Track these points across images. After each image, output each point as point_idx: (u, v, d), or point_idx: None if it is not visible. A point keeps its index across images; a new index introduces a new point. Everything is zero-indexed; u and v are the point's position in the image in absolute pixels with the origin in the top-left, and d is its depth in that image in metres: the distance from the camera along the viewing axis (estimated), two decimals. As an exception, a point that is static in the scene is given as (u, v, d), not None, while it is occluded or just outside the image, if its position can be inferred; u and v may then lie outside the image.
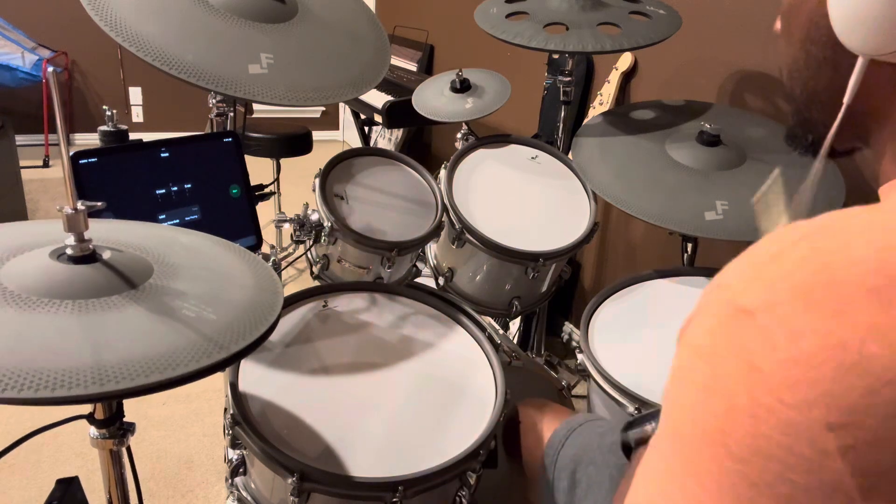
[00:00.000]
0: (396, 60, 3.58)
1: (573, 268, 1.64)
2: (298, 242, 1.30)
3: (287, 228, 1.30)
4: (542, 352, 2.01)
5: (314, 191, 1.28)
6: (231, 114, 1.29)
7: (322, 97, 1.12)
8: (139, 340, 0.64)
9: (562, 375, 2.05)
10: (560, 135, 1.74)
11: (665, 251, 1.91)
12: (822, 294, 0.36)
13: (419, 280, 1.46)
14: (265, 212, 1.25)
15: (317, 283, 1.26)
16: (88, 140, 4.20)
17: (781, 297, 0.37)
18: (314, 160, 1.71)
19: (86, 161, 1.03)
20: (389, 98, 2.74)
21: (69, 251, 0.71)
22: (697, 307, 0.42)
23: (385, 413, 0.96)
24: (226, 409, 0.93)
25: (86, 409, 0.76)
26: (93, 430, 0.78)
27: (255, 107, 3.68)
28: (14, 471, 1.69)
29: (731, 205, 1.25)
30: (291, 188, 3.01)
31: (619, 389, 1.08)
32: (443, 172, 1.43)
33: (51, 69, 0.73)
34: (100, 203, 0.73)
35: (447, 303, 1.21)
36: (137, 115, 4.41)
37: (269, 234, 2.86)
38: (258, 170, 1.52)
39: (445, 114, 1.55)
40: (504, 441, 1.08)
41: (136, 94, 4.36)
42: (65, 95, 4.17)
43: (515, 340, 2.02)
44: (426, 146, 3.69)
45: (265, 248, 1.21)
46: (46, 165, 3.85)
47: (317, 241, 1.28)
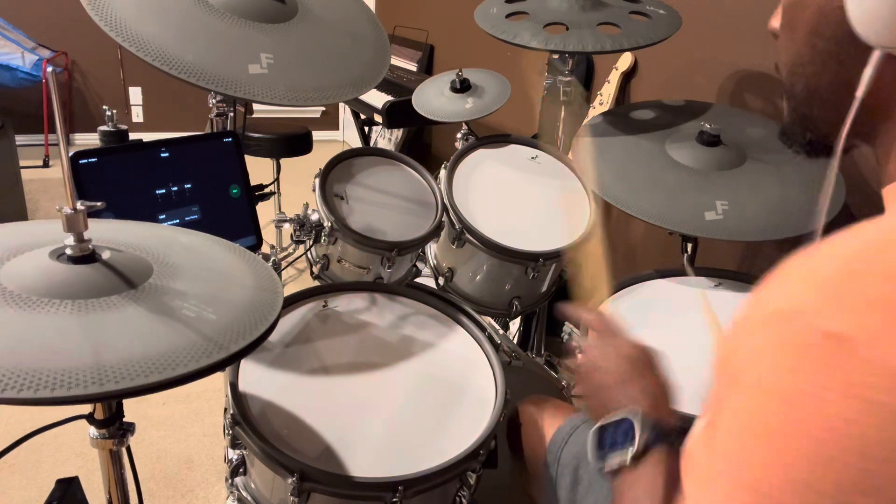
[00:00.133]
0: (396, 60, 3.57)
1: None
2: (298, 242, 1.30)
3: (287, 228, 1.30)
4: (542, 352, 2.01)
5: (314, 191, 1.28)
6: (231, 114, 1.29)
7: (322, 97, 1.12)
8: (139, 340, 0.64)
9: (562, 375, 2.05)
10: (560, 135, 1.74)
11: (665, 251, 1.91)
12: None
13: (419, 280, 1.46)
14: (265, 212, 1.25)
15: (317, 283, 1.26)
16: (88, 140, 4.20)
17: (874, 319, 0.34)
18: (314, 160, 1.71)
19: (86, 161, 1.03)
20: (389, 98, 2.73)
21: (69, 251, 0.71)
22: (750, 340, 0.38)
23: (385, 413, 0.96)
24: (226, 409, 0.93)
25: (86, 409, 0.76)
26: (92, 430, 0.78)
27: (255, 107, 3.68)
28: (14, 471, 1.69)
29: (731, 205, 1.25)
30: (291, 188, 3.00)
31: (619, 389, 1.08)
32: (443, 172, 1.43)
33: (51, 69, 0.73)
34: (99, 203, 0.73)
35: (447, 303, 1.21)
36: (137, 115, 4.41)
37: (269, 234, 2.85)
38: (258, 170, 1.52)
39: (445, 114, 1.55)
40: (507, 439, 1.08)
41: (136, 94, 4.36)
42: (65, 95, 4.17)
43: (515, 340, 2.02)
44: (426, 146, 3.68)
45: (265, 248, 1.21)
46: (46, 165, 3.85)
47: (317, 241, 1.27)
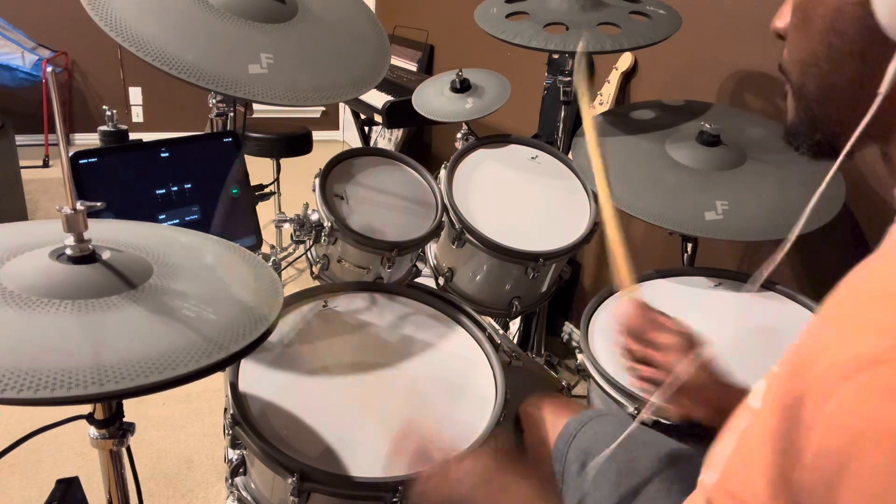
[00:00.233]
0: (396, 60, 3.57)
1: (573, 268, 1.64)
2: (298, 242, 1.30)
3: (287, 228, 1.30)
4: (542, 352, 2.01)
5: (314, 191, 1.28)
6: (231, 114, 1.29)
7: (322, 97, 1.12)
8: (139, 340, 0.64)
9: (562, 375, 2.05)
10: (560, 135, 1.74)
11: (665, 251, 1.91)
12: None
13: (419, 280, 1.46)
14: (265, 212, 1.25)
15: (317, 283, 1.26)
16: (88, 140, 4.20)
17: None
18: (314, 160, 1.71)
19: (86, 161, 1.03)
20: (389, 98, 2.73)
21: (69, 251, 0.71)
22: (864, 384, 0.35)
23: (385, 413, 0.96)
24: (226, 409, 0.93)
25: (86, 409, 0.76)
26: (93, 431, 0.78)
27: (255, 107, 3.68)
28: (14, 471, 1.69)
29: (731, 205, 1.25)
30: (291, 188, 3.00)
31: (619, 389, 1.08)
32: (443, 172, 1.43)
33: (51, 69, 0.73)
34: (99, 203, 0.73)
35: (447, 303, 1.21)
36: (137, 115, 4.40)
37: (269, 234, 2.85)
38: (258, 170, 1.53)
39: (445, 114, 1.55)
40: (514, 435, 1.07)
41: (136, 94, 4.35)
42: (65, 95, 4.16)
43: (515, 340, 2.02)
44: (426, 146, 3.68)
45: (265, 248, 1.21)
46: (46, 165, 3.85)
47: (317, 241, 1.27)
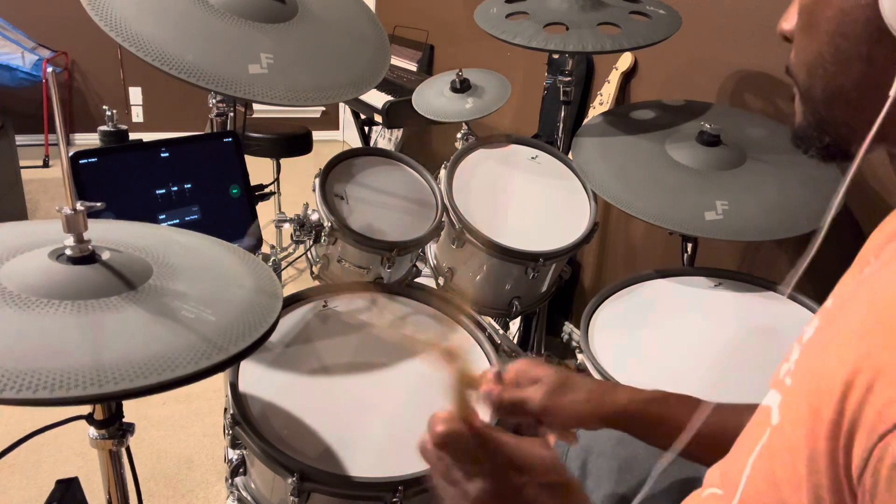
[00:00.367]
0: (396, 60, 3.57)
1: (573, 268, 1.64)
2: (298, 242, 1.30)
3: (287, 228, 1.30)
4: (542, 352, 2.01)
5: (314, 191, 1.28)
6: (231, 114, 1.29)
7: (322, 97, 1.12)
8: (138, 341, 0.64)
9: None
10: (560, 135, 1.74)
11: (665, 251, 1.91)
12: None
13: (419, 280, 1.46)
14: (265, 212, 1.25)
15: (317, 283, 1.26)
16: (88, 140, 4.19)
17: None
18: (314, 160, 1.71)
19: (86, 161, 1.03)
20: (389, 98, 2.73)
21: (68, 251, 0.71)
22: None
23: (385, 413, 0.96)
24: (226, 409, 0.93)
25: (85, 410, 0.76)
26: (92, 431, 0.77)
27: (255, 107, 3.68)
28: (14, 471, 1.69)
29: (731, 205, 1.25)
30: (291, 188, 3.00)
31: (619, 389, 1.08)
32: (443, 172, 1.43)
33: (51, 69, 0.73)
34: (99, 203, 0.73)
35: (447, 303, 1.21)
36: (137, 115, 4.40)
37: (269, 234, 2.85)
38: (258, 170, 1.52)
39: (445, 114, 1.55)
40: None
41: (136, 94, 4.35)
42: (65, 95, 4.16)
43: (515, 340, 2.02)
44: (426, 146, 3.68)
45: (265, 248, 1.21)
46: (46, 165, 3.85)
47: (317, 241, 1.27)
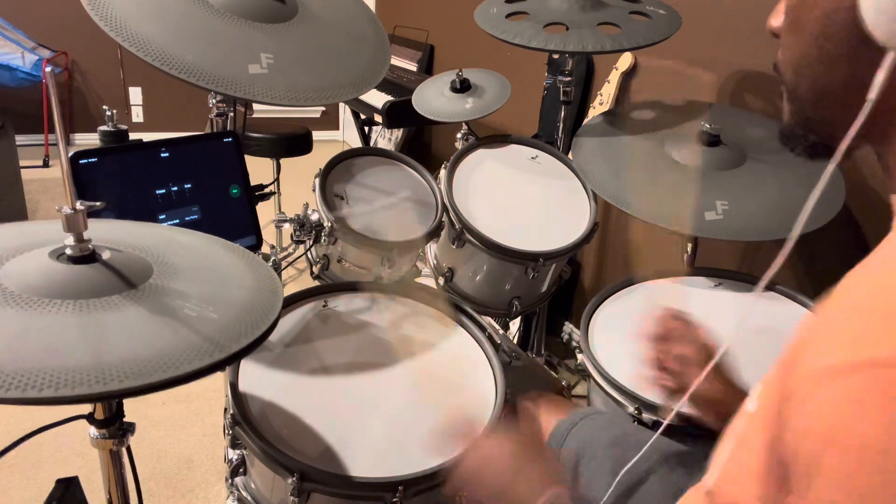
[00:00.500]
0: (396, 60, 3.57)
1: (573, 268, 1.64)
2: (298, 242, 1.30)
3: (287, 228, 1.30)
4: (542, 352, 2.01)
5: (314, 191, 1.28)
6: (231, 114, 1.29)
7: (322, 97, 1.12)
8: (139, 340, 0.64)
9: (562, 375, 2.05)
10: (560, 135, 1.74)
11: (665, 251, 1.91)
12: None
13: (419, 280, 1.46)
14: (265, 212, 1.25)
15: (317, 283, 1.26)
16: (88, 140, 4.19)
17: None
18: (314, 160, 1.71)
19: (86, 161, 1.03)
20: (389, 98, 2.73)
21: (68, 251, 0.71)
22: (844, 396, 0.36)
23: (385, 413, 0.96)
24: (226, 409, 0.93)
25: (86, 409, 0.76)
26: (93, 431, 0.78)
27: (255, 107, 3.68)
28: (14, 471, 1.69)
29: (731, 205, 1.25)
30: (291, 188, 3.00)
31: (619, 389, 1.08)
32: (443, 172, 1.43)
33: (50, 69, 0.73)
34: (99, 203, 0.73)
35: (447, 303, 1.21)
36: (137, 115, 4.40)
37: (269, 234, 2.85)
38: (258, 170, 1.52)
39: (445, 114, 1.55)
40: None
41: (136, 94, 4.35)
42: (65, 95, 4.16)
43: (515, 340, 2.02)
44: (426, 146, 3.68)
45: (265, 248, 1.21)
46: (46, 165, 3.85)
47: (317, 241, 1.28)
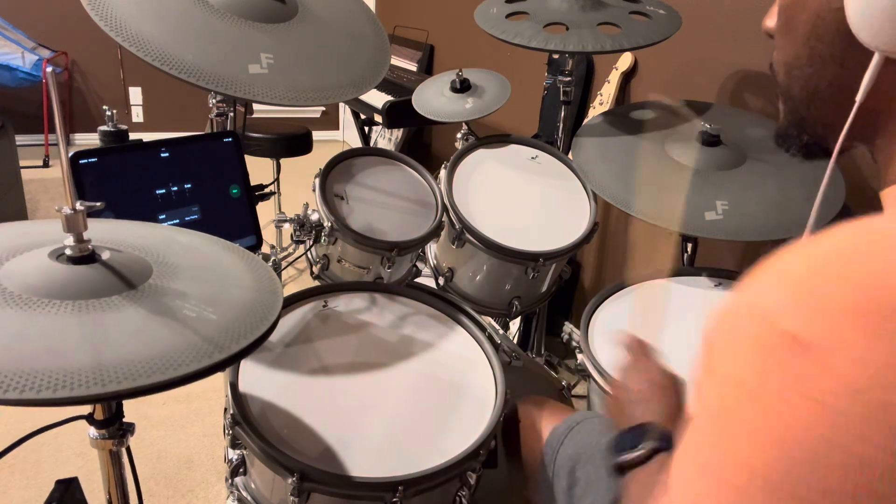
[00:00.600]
0: (396, 60, 3.57)
1: (573, 268, 1.64)
2: (298, 242, 1.30)
3: (287, 228, 1.30)
4: (542, 352, 2.01)
5: (314, 191, 1.28)
6: (231, 114, 1.29)
7: (322, 97, 1.12)
8: (139, 341, 0.64)
9: (562, 375, 2.05)
10: (560, 135, 1.74)
11: (665, 251, 1.91)
12: (881, 318, 0.33)
13: (419, 280, 1.46)
14: (265, 212, 1.25)
15: (317, 283, 1.26)
16: (88, 140, 4.20)
17: (836, 324, 0.34)
18: (314, 160, 1.71)
19: (86, 161, 1.03)
20: (389, 98, 2.73)
21: (68, 251, 0.71)
22: (725, 333, 0.38)
23: (385, 413, 0.96)
24: (226, 409, 0.93)
25: (85, 410, 0.76)
26: (92, 431, 0.77)
27: (255, 107, 3.68)
28: (14, 471, 1.69)
29: (731, 205, 1.25)
30: (291, 188, 3.00)
31: (619, 389, 1.08)
32: (443, 172, 1.43)
33: (51, 69, 0.73)
34: (99, 203, 0.73)
35: (447, 303, 1.21)
36: (137, 115, 4.40)
37: (269, 234, 2.85)
38: (258, 170, 1.52)
39: (445, 114, 1.55)
40: (504, 439, 1.08)
41: (136, 94, 4.35)
42: (65, 95, 4.16)
43: (515, 340, 2.02)
44: (426, 146, 3.68)
45: (265, 248, 1.21)
46: (46, 165, 3.85)
47: (317, 241, 1.28)
